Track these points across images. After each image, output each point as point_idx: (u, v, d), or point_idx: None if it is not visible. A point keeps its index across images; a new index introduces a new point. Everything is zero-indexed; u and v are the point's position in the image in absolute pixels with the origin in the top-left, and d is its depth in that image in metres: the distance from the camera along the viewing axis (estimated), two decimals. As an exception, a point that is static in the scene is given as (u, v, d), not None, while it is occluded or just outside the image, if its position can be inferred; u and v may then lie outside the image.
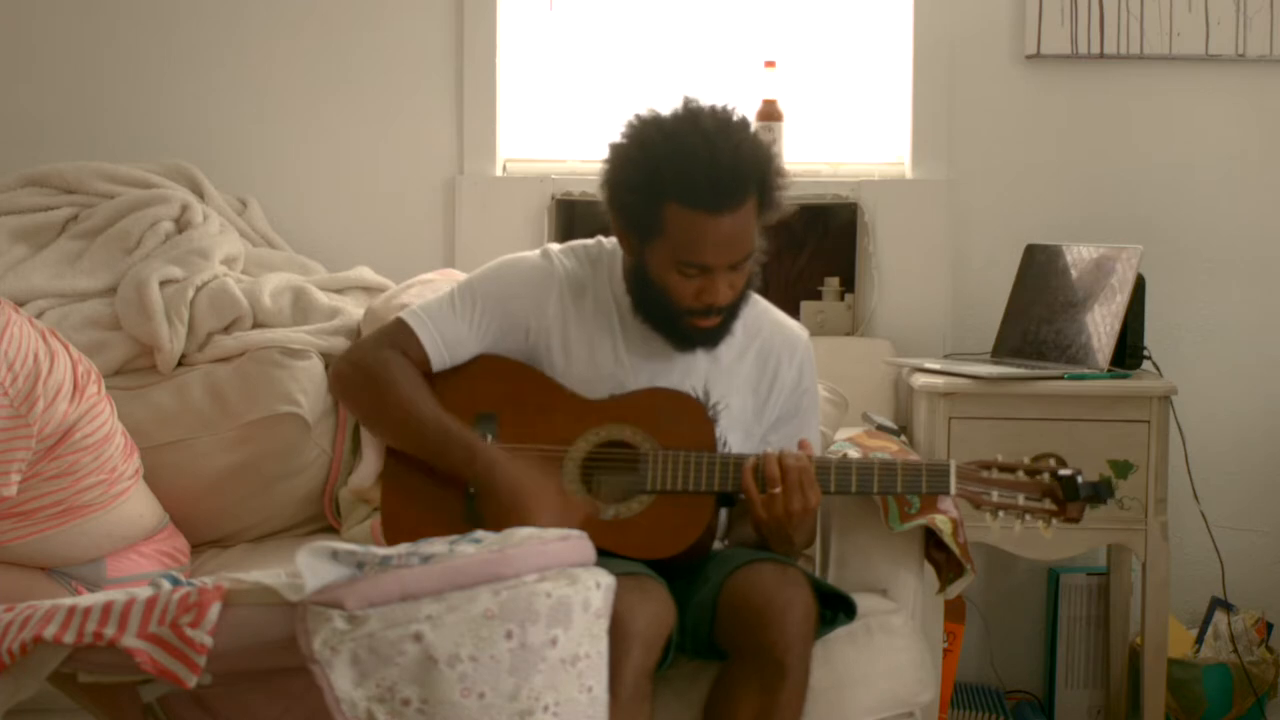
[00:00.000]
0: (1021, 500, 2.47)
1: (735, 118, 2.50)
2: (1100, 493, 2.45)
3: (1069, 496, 2.45)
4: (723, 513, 2.61)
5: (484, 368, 2.61)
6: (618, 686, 2.19)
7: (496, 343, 2.61)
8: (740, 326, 2.64)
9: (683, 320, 2.53)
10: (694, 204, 2.42)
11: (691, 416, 2.52)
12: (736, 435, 2.60)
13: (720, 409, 2.58)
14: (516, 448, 2.52)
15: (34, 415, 2.63)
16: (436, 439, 2.51)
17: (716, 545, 2.61)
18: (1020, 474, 2.49)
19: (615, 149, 2.52)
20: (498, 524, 2.30)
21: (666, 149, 2.45)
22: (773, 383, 2.66)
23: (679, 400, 2.54)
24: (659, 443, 2.49)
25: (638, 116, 2.52)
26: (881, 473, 2.48)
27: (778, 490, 2.42)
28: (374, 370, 2.57)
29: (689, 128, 2.46)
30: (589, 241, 2.69)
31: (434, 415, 2.53)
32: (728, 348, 2.63)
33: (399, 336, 2.61)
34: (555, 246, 2.69)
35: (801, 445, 2.49)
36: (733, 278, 2.50)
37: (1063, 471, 2.47)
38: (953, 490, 2.47)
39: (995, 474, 2.49)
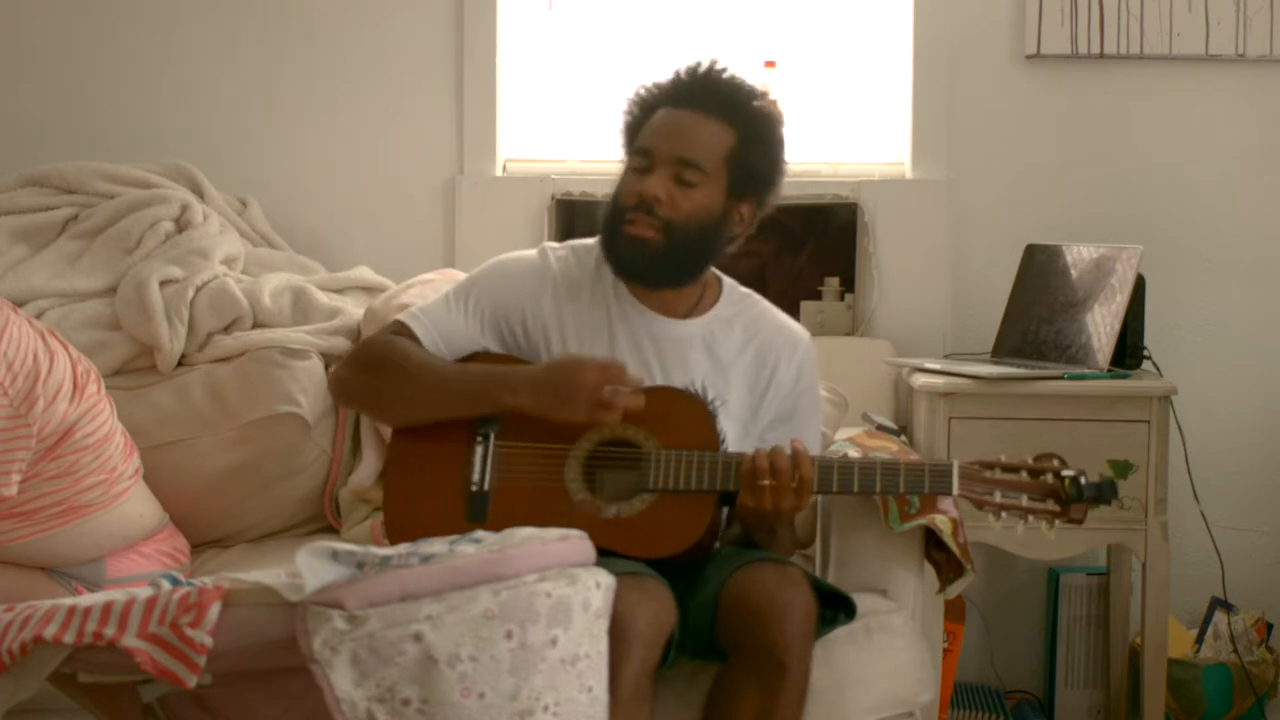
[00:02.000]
0: (1024, 501, 2.46)
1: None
2: (1104, 493, 2.45)
3: (1072, 497, 2.44)
4: (725, 512, 2.61)
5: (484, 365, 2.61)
6: (619, 686, 2.18)
7: (493, 339, 2.61)
8: (740, 323, 2.64)
9: (619, 228, 2.55)
10: (668, 100, 2.57)
11: (694, 415, 2.52)
12: (733, 433, 2.60)
13: (718, 405, 2.58)
14: (518, 446, 2.52)
15: (34, 415, 2.63)
16: (469, 385, 2.52)
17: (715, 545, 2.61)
18: (1023, 474, 2.48)
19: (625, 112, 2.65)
20: (568, 401, 2.41)
21: (662, 76, 2.61)
22: (770, 381, 2.65)
23: (682, 399, 2.54)
24: (661, 442, 2.49)
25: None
26: (884, 473, 2.48)
27: (766, 483, 2.42)
28: (381, 351, 2.58)
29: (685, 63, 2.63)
30: (587, 240, 2.69)
31: (456, 367, 2.55)
32: (726, 345, 2.62)
33: (398, 334, 2.62)
34: (552, 245, 2.70)
35: (792, 445, 2.47)
36: (675, 189, 2.52)
37: (1066, 472, 2.46)
38: (956, 491, 2.46)
39: (998, 474, 2.48)
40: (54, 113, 3.79)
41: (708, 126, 2.54)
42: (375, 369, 2.57)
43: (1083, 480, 2.44)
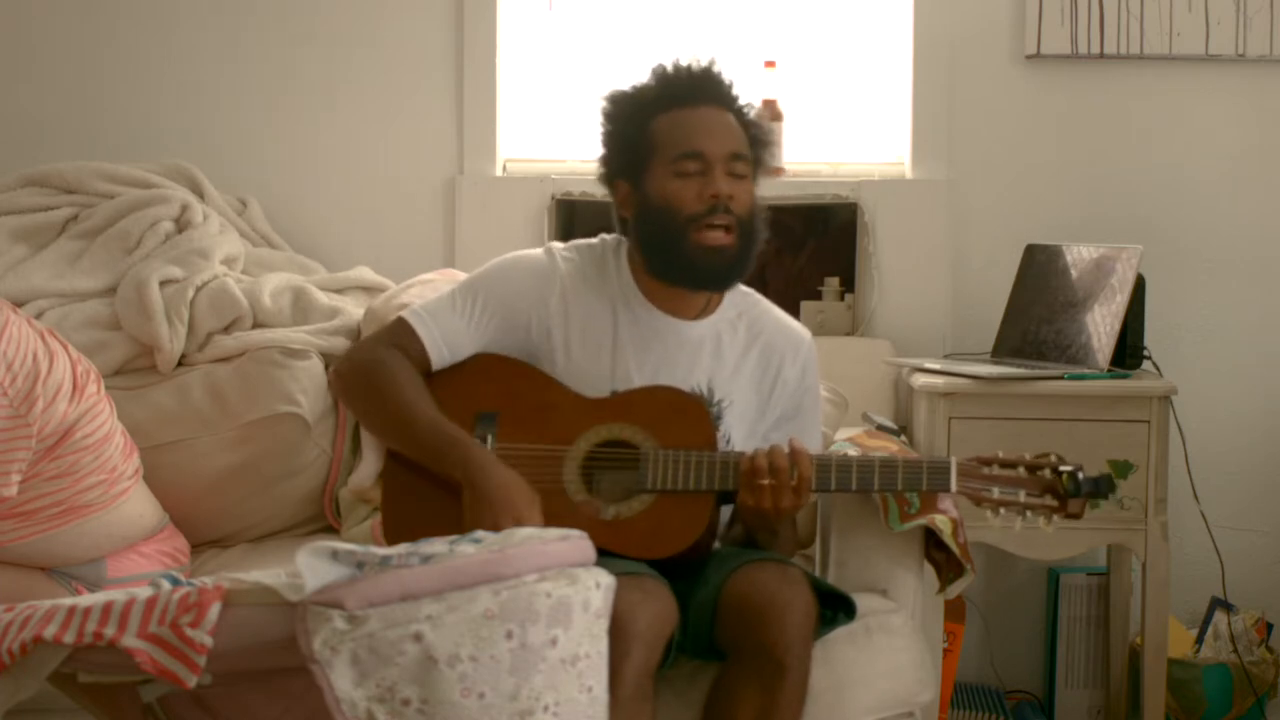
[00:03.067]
0: (1022, 497, 2.45)
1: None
2: (1101, 488, 2.44)
3: (1070, 492, 2.44)
4: (724, 512, 2.61)
5: (484, 367, 2.61)
6: (619, 687, 2.18)
7: (497, 340, 2.61)
8: (744, 324, 2.64)
9: (690, 239, 2.51)
10: (677, 102, 2.56)
11: (692, 415, 2.52)
12: (740, 433, 2.60)
13: (724, 406, 2.58)
14: (516, 447, 2.52)
15: (34, 415, 2.63)
16: (431, 441, 2.50)
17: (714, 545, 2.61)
18: (1021, 470, 2.48)
19: (603, 112, 2.63)
20: (490, 528, 2.30)
21: (647, 80, 2.61)
22: (775, 381, 2.66)
23: (679, 399, 2.53)
24: (659, 442, 2.49)
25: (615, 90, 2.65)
26: (882, 470, 2.48)
27: (765, 482, 2.42)
28: (372, 371, 2.57)
29: (661, 64, 2.62)
30: (592, 240, 2.69)
31: (429, 418, 2.52)
32: (731, 346, 2.62)
33: (399, 335, 2.60)
34: (558, 244, 2.69)
35: (790, 444, 2.47)
36: (734, 186, 2.52)
37: (1064, 467, 2.46)
38: (954, 487, 2.46)
39: (996, 470, 2.47)
40: (54, 113, 3.79)
41: (728, 118, 2.57)
42: (365, 387, 2.58)
43: (1080, 475, 2.44)
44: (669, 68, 2.60)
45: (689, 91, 2.56)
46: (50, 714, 2.34)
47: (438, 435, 2.50)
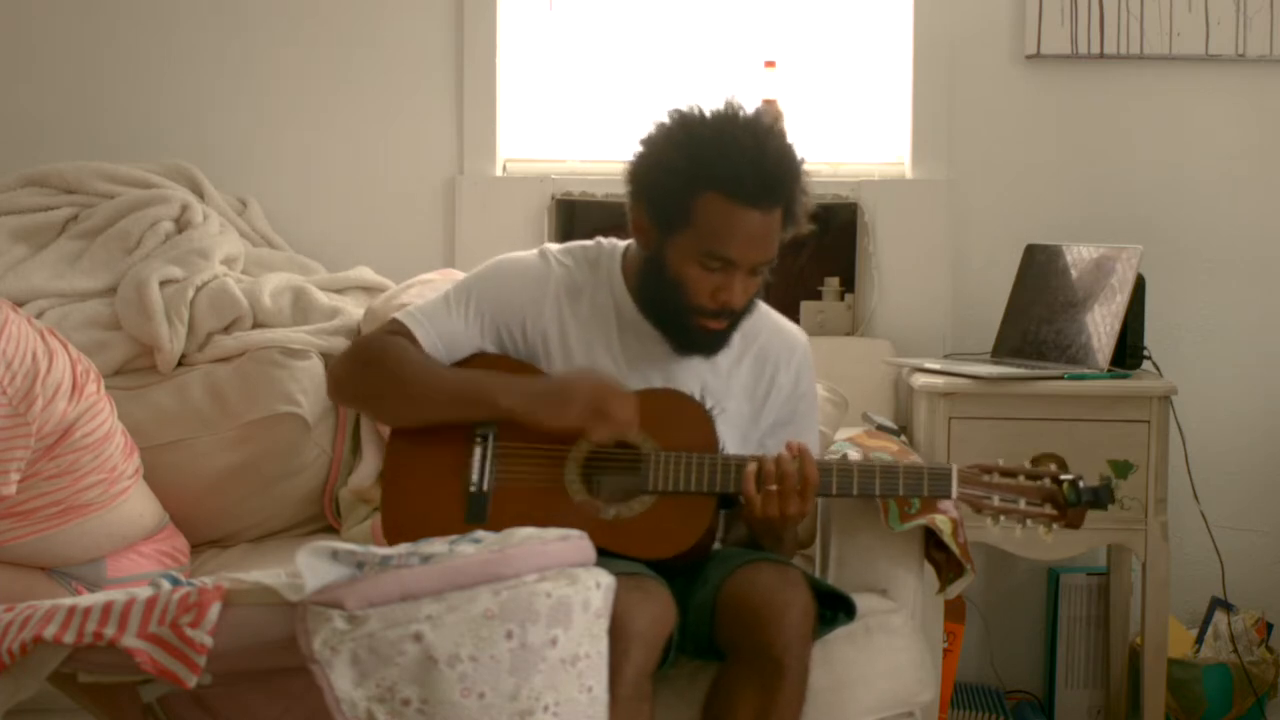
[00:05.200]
0: (1023, 505, 2.46)
1: (773, 125, 2.51)
2: (1101, 498, 2.45)
3: (1070, 502, 2.44)
4: (722, 514, 2.61)
5: (485, 366, 2.60)
6: (618, 687, 2.18)
7: (493, 342, 2.60)
8: (738, 331, 2.63)
9: (690, 319, 2.51)
10: (734, 195, 2.42)
11: (692, 417, 2.52)
12: (733, 439, 2.59)
13: (716, 413, 2.57)
14: (518, 447, 2.52)
15: (33, 414, 2.63)
16: (470, 390, 2.50)
17: (714, 546, 2.61)
18: (1021, 479, 2.48)
19: (654, 136, 2.51)
20: (589, 418, 2.39)
21: (713, 139, 2.45)
22: (770, 387, 2.65)
23: (680, 401, 2.53)
24: (660, 443, 2.49)
25: (678, 109, 2.51)
26: (883, 476, 2.48)
27: (774, 488, 2.42)
28: (378, 351, 2.56)
29: (737, 122, 2.47)
30: (587, 242, 2.68)
31: (455, 373, 2.53)
32: (725, 353, 2.61)
33: (396, 333, 2.61)
34: (553, 246, 2.68)
35: (788, 447, 2.47)
36: (749, 283, 2.50)
37: (1064, 476, 2.46)
38: (954, 494, 2.47)
39: (996, 478, 2.48)
40: (54, 113, 3.79)
41: (774, 218, 2.46)
42: (373, 366, 2.56)
43: (1080, 484, 2.44)
44: (740, 147, 2.43)
45: (750, 193, 2.42)
46: (50, 714, 2.34)
47: (473, 382, 2.51)
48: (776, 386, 2.65)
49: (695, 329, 2.52)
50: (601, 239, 2.68)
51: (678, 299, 2.50)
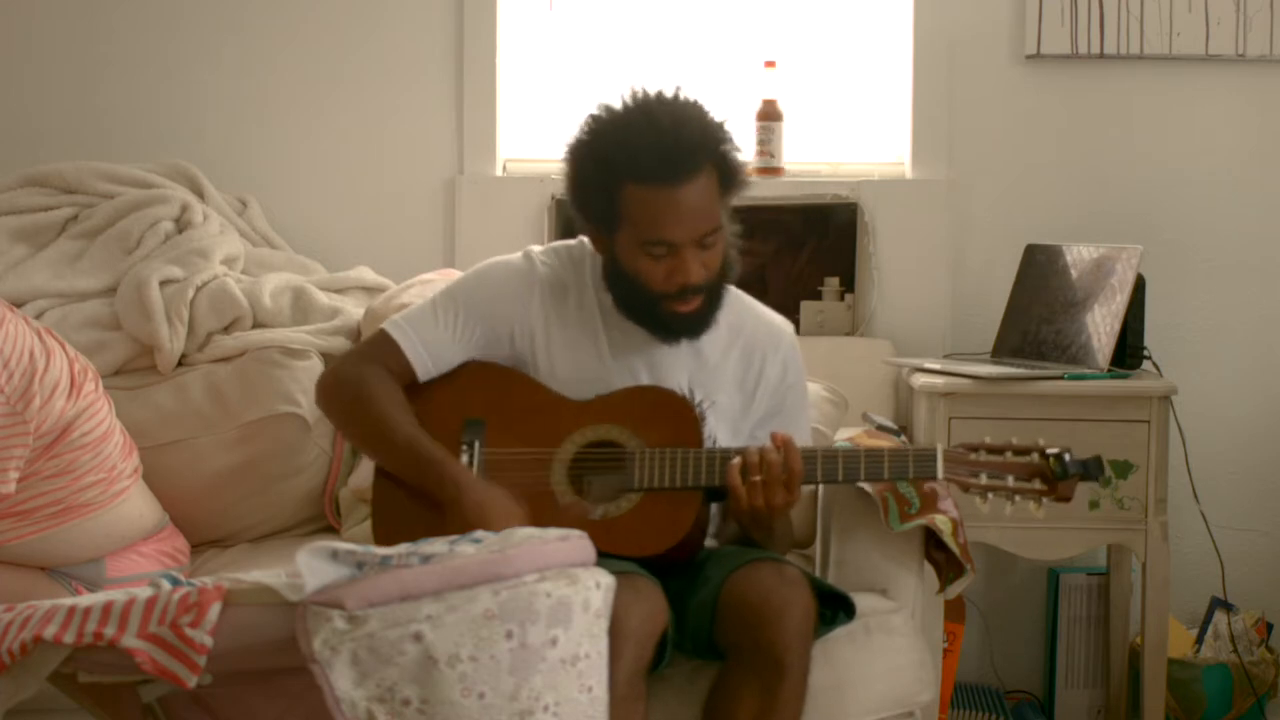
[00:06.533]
0: (1011, 481, 2.43)
1: (680, 96, 2.50)
2: (1090, 470, 2.42)
3: (1058, 475, 2.42)
4: (714, 508, 2.60)
5: (470, 374, 2.60)
6: (612, 685, 2.17)
7: (481, 348, 2.60)
8: (724, 323, 2.61)
9: (661, 307, 2.51)
10: (645, 179, 2.43)
11: (677, 413, 2.52)
12: (724, 433, 2.59)
13: (706, 407, 2.57)
14: (504, 452, 2.52)
15: (30, 412, 2.63)
16: (410, 459, 2.50)
17: (710, 543, 2.61)
18: (1008, 455, 2.45)
19: (569, 149, 2.54)
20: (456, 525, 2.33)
21: (613, 133, 2.47)
22: (758, 379, 2.65)
23: (664, 397, 2.53)
24: (646, 441, 2.49)
25: (588, 113, 2.53)
26: (868, 460, 2.47)
27: (758, 479, 2.41)
28: (353, 386, 2.57)
29: (631, 109, 2.49)
30: (571, 242, 2.68)
31: (407, 435, 2.51)
32: (712, 345, 2.61)
33: (382, 349, 2.59)
34: (536, 248, 2.68)
35: (773, 438, 2.46)
36: (704, 256, 2.48)
37: (1050, 450, 2.44)
38: (940, 474, 2.44)
39: (983, 456, 2.45)
40: (54, 113, 3.78)
41: (701, 186, 2.44)
42: (342, 404, 2.59)
43: (1067, 457, 2.42)
44: (638, 132, 2.44)
45: (660, 172, 2.42)
46: (50, 714, 2.34)
47: (416, 453, 2.50)
48: (765, 377, 2.65)
49: (668, 315, 2.52)
50: (585, 238, 2.67)
51: (640, 291, 2.51)
